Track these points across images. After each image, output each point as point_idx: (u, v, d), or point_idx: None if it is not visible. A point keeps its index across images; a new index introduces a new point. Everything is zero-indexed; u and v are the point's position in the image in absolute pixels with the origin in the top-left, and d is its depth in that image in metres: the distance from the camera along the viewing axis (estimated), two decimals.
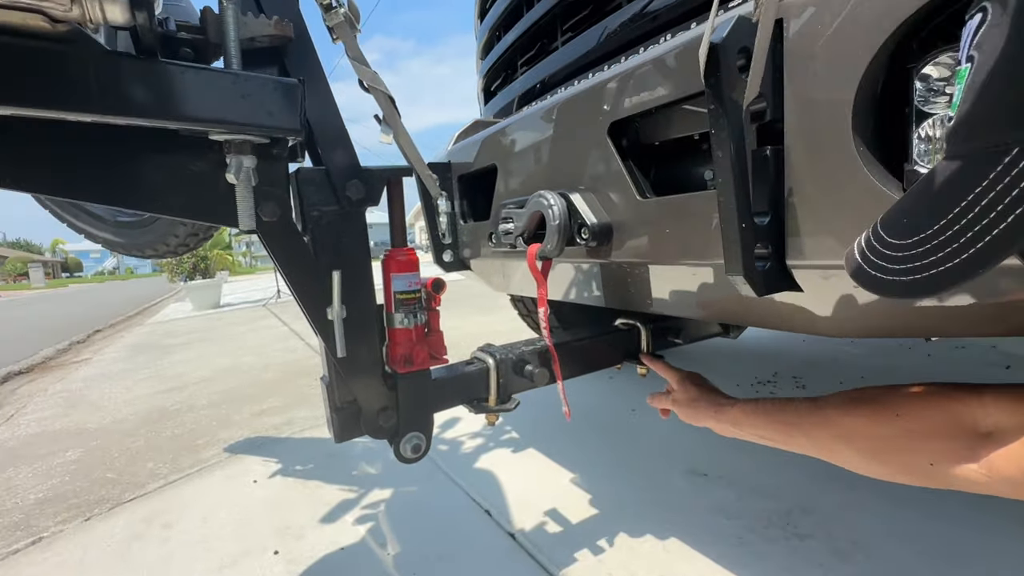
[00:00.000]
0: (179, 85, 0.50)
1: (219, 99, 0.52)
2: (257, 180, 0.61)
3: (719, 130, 0.54)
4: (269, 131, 0.56)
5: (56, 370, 4.18)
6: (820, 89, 0.53)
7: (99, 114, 0.46)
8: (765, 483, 1.37)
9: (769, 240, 0.58)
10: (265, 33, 0.59)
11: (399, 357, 0.80)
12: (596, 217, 0.83)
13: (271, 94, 0.55)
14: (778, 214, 0.58)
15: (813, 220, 0.56)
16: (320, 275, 0.71)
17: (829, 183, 0.54)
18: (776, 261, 0.59)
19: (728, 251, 0.56)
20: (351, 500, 1.48)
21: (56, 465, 1.98)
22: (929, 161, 0.51)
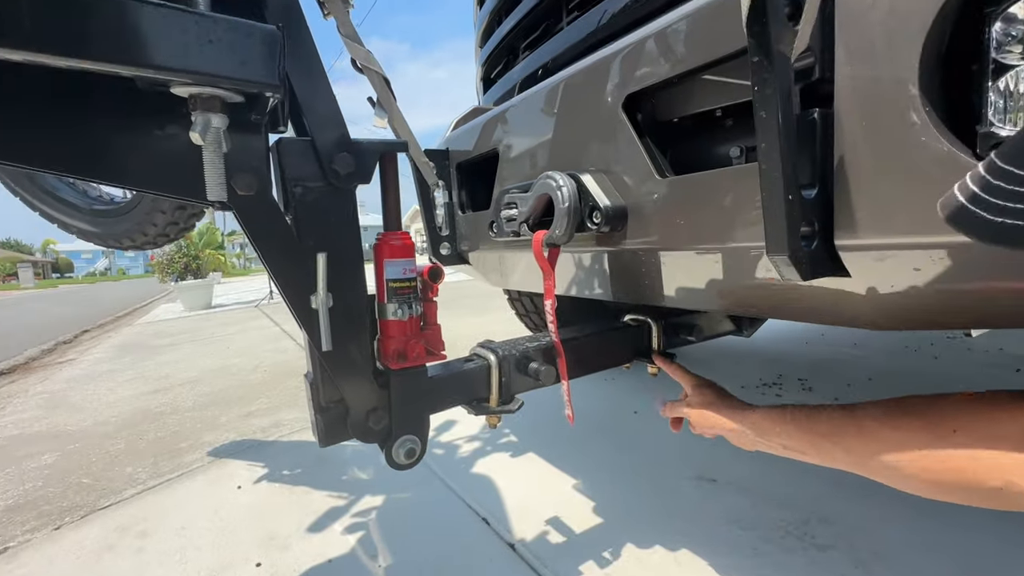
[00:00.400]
0: (131, 21, 0.42)
1: (181, 42, 0.44)
2: (230, 146, 0.53)
3: (764, 87, 0.47)
4: (241, 84, 0.48)
5: (39, 371, 4.06)
6: (880, 40, 0.46)
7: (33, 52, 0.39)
8: (779, 490, 1.30)
9: (815, 217, 0.51)
10: None
11: (392, 352, 0.72)
12: (610, 199, 0.76)
13: (244, 40, 0.47)
14: (826, 187, 0.51)
15: (869, 193, 0.48)
16: (303, 259, 0.64)
17: (890, 150, 0.47)
18: (823, 241, 0.52)
19: (771, 228, 0.49)
20: (340, 507, 1.40)
21: (30, 469, 1.88)
22: (1009, 121, 0.44)
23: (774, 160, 0.47)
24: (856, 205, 0.50)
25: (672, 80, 0.67)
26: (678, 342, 1.09)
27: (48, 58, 0.39)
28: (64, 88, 0.49)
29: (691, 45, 0.64)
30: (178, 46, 0.44)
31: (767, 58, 0.46)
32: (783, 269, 0.50)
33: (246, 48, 0.47)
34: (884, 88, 0.46)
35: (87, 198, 1.36)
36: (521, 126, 0.98)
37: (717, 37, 0.60)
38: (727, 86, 0.67)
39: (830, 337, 2.82)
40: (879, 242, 0.49)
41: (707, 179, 0.63)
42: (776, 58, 0.46)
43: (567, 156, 0.84)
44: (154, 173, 0.55)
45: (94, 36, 0.41)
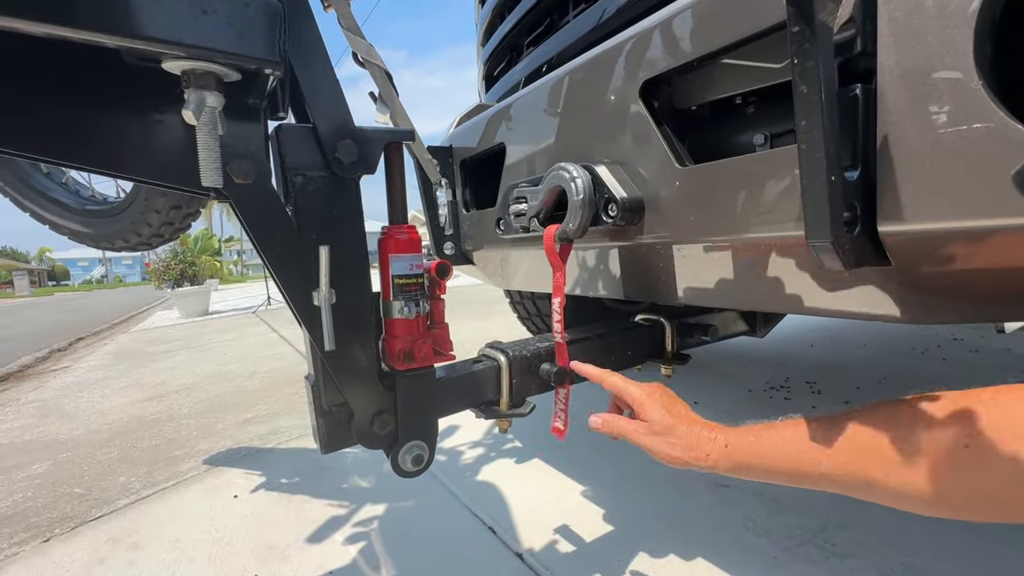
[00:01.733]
0: None
1: (172, 11, 0.40)
2: (226, 131, 0.49)
3: (805, 60, 0.43)
4: (239, 59, 0.45)
5: (33, 378, 3.99)
6: (928, 9, 0.43)
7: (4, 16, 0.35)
8: (793, 495, 1.26)
9: (856, 201, 0.47)
10: None
11: (398, 352, 0.68)
12: (626, 190, 0.72)
13: (242, 10, 0.44)
14: (868, 169, 0.47)
15: (917, 174, 0.45)
16: (304, 252, 0.60)
17: (940, 127, 0.43)
18: (865, 227, 0.48)
19: (812, 213, 0.45)
20: (341, 517, 1.35)
21: (20, 479, 1.83)
22: None
23: (816, 139, 0.43)
24: (902, 188, 0.46)
25: (692, 64, 0.64)
26: (693, 343, 1.05)
27: (25, 24, 0.36)
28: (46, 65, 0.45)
29: (713, 25, 0.60)
30: (169, 15, 0.41)
31: (808, 28, 0.42)
32: (825, 256, 0.46)
33: (244, 19, 0.44)
34: (933, 61, 0.43)
35: (79, 198, 1.32)
36: (529, 119, 0.94)
37: (740, 16, 0.57)
38: (750, 69, 0.64)
39: (838, 338, 2.78)
40: (928, 228, 0.46)
41: (732, 166, 0.60)
42: (818, 28, 0.42)
43: (580, 147, 0.81)
44: (145, 160, 0.51)
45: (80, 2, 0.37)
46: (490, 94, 1.63)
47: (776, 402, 1.94)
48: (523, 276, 1.23)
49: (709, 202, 0.64)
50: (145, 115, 0.50)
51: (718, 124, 0.72)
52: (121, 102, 0.49)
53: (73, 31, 0.37)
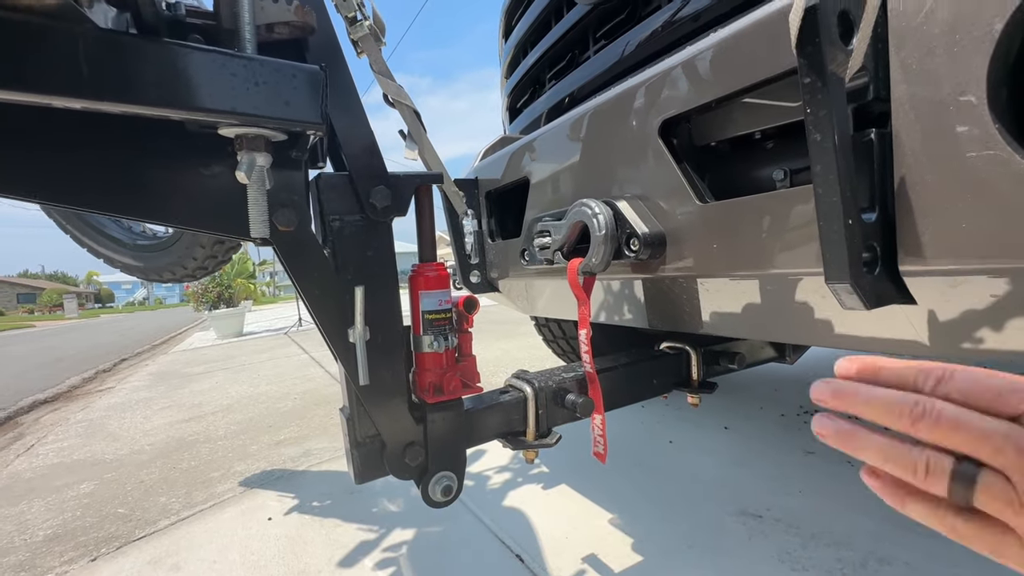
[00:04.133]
0: (182, 68, 0.43)
1: (229, 86, 0.45)
2: (272, 184, 0.54)
3: (817, 109, 0.45)
4: (286, 124, 0.49)
5: (80, 399, 4.19)
6: (940, 54, 0.44)
7: (90, 100, 0.40)
8: (829, 527, 1.22)
9: (876, 241, 0.48)
10: (284, 20, 0.53)
11: (428, 385, 0.71)
12: (648, 226, 0.74)
13: (289, 81, 0.48)
14: (887, 210, 0.48)
15: (935, 216, 0.46)
16: (341, 292, 0.63)
17: (957, 169, 0.44)
18: (886, 267, 0.49)
19: (830, 255, 0.46)
20: (371, 541, 1.37)
21: (69, 498, 1.91)
22: None
23: (831, 184, 0.45)
24: (921, 228, 0.47)
25: (710, 104, 0.66)
26: (719, 371, 1.05)
27: (106, 105, 0.41)
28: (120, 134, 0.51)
29: (729, 69, 0.62)
30: (226, 89, 0.46)
31: (820, 79, 0.44)
32: (845, 297, 0.47)
33: (291, 89, 0.48)
34: (947, 104, 0.44)
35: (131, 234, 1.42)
36: (552, 154, 0.98)
37: (756, 60, 0.59)
38: (768, 108, 0.66)
39: None
40: (949, 267, 0.46)
41: (752, 204, 0.61)
42: (829, 79, 0.44)
43: (601, 183, 0.83)
44: (199, 212, 0.56)
45: (147, 83, 0.42)
46: (513, 125, 1.68)
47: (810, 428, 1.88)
48: (547, 303, 1.25)
49: (731, 238, 0.65)
50: (199, 171, 0.55)
51: (738, 160, 0.73)
52: (178, 161, 0.54)
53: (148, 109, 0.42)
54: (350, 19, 0.92)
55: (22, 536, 1.62)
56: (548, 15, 1.36)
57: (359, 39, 0.93)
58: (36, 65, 0.38)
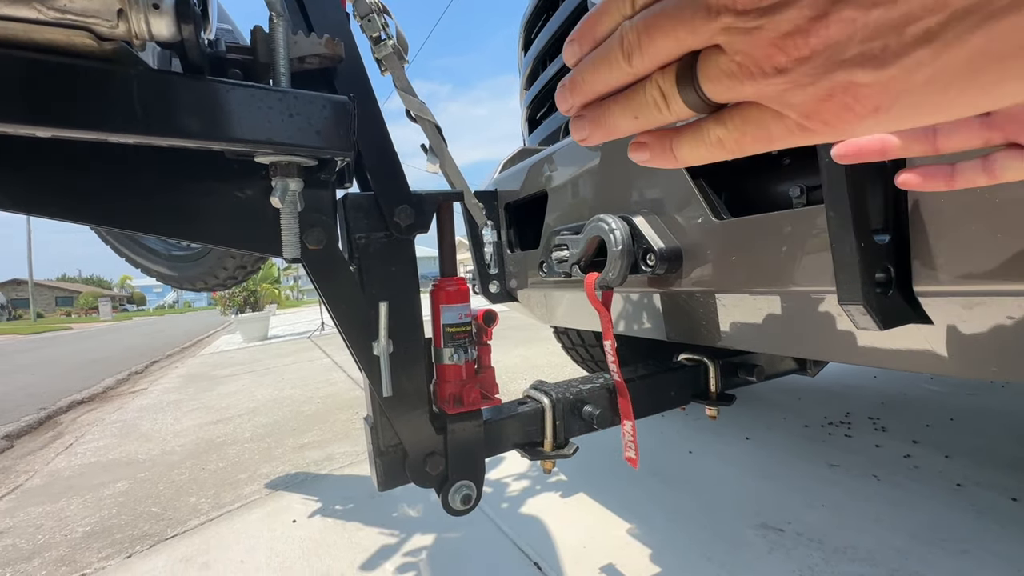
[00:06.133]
0: (225, 103, 0.47)
1: (266, 118, 0.49)
2: (303, 206, 0.57)
3: None
4: (318, 151, 0.52)
5: (115, 399, 4.35)
6: None
7: (143, 135, 0.44)
8: (853, 542, 1.20)
9: (890, 262, 0.49)
10: (315, 52, 0.57)
11: (448, 396, 0.73)
12: (664, 241, 0.75)
13: (320, 112, 0.51)
14: (900, 231, 0.49)
15: (950, 236, 0.46)
16: (366, 306, 0.66)
17: (973, 191, 0.44)
18: (900, 288, 0.49)
19: (842, 276, 0.47)
20: (391, 546, 1.40)
21: (106, 497, 2.00)
22: None
23: (842, 206, 0.45)
24: (935, 249, 0.47)
25: None
26: (738, 382, 1.04)
27: (155, 140, 0.44)
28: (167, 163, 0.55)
29: None
30: (263, 121, 0.49)
31: None
32: (858, 318, 0.48)
33: (322, 119, 0.52)
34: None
35: (166, 245, 1.49)
36: (570, 168, 0.99)
37: None
38: None
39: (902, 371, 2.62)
40: (963, 289, 0.46)
41: (768, 222, 0.62)
42: None
43: (618, 198, 0.85)
44: (236, 232, 0.60)
45: (192, 118, 0.46)
46: (532, 137, 1.71)
47: (836, 439, 1.85)
48: (565, 313, 1.26)
49: (747, 255, 0.66)
50: (234, 194, 0.59)
51: (755, 177, 0.74)
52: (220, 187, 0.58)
53: (193, 142, 0.45)
54: (375, 39, 0.96)
55: (62, 532, 1.70)
56: (567, 29, 1.39)
57: (383, 58, 0.97)
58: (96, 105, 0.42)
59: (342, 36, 0.62)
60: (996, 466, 1.54)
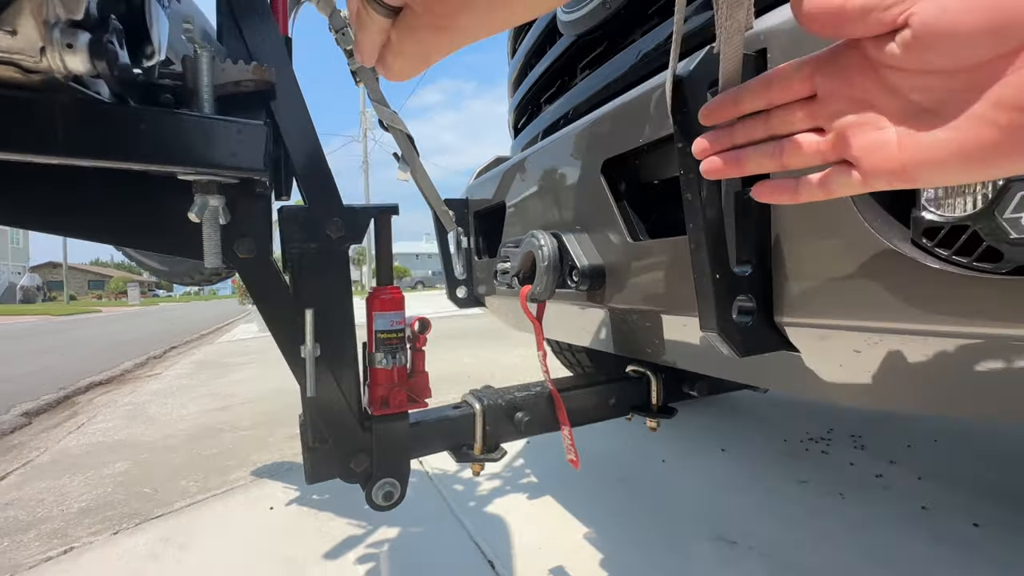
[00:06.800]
0: (143, 128, 0.52)
1: (182, 141, 0.54)
2: (229, 218, 0.62)
3: (688, 171, 0.49)
4: (233, 172, 0.57)
5: (130, 383, 4.53)
6: None
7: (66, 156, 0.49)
8: (803, 560, 1.21)
9: (754, 293, 0.51)
10: (245, 78, 0.62)
11: (377, 398, 0.77)
12: (588, 259, 0.78)
13: (235, 136, 0.56)
14: (764, 265, 0.51)
15: (803, 274, 0.48)
16: (295, 312, 0.71)
17: (820, 232, 0.47)
18: (762, 317, 0.52)
19: (702, 304, 0.50)
20: (358, 536, 1.45)
21: (105, 476, 2.10)
22: (942, 208, 0.43)
23: (700, 240, 0.48)
24: (792, 285, 0.49)
25: (641, 148, 0.70)
26: (680, 396, 1.07)
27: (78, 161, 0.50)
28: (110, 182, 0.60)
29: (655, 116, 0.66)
30: (181, 143, 0.54)
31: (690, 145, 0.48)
32: (717, 345, 0.50)
33: (237, 142, 0.56)
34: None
35: None
36: (520, 183, 1.03)
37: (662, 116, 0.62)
38: None
39: None
40: (818, 322, 0.49)
41: (664, 245, 0.65)
42: None
43: (554, 215, 0.88)
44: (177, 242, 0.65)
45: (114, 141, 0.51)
46: (516, 142, 1.74)
47: (812, 455, 1.84)
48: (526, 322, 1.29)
49: (651, 275, 0.69)
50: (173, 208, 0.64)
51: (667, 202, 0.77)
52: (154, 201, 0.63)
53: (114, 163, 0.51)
54: (348, 51, 1.00)
55: (60, 507, 1.80)
56: (544, 41, 1.42)
57: (356, 70, 1.02)
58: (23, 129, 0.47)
59: (277, 62, 0.67)
60: (968, 490, 1.52)
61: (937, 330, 0.42)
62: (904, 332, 0.43)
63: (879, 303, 0.43)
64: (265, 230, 0.69)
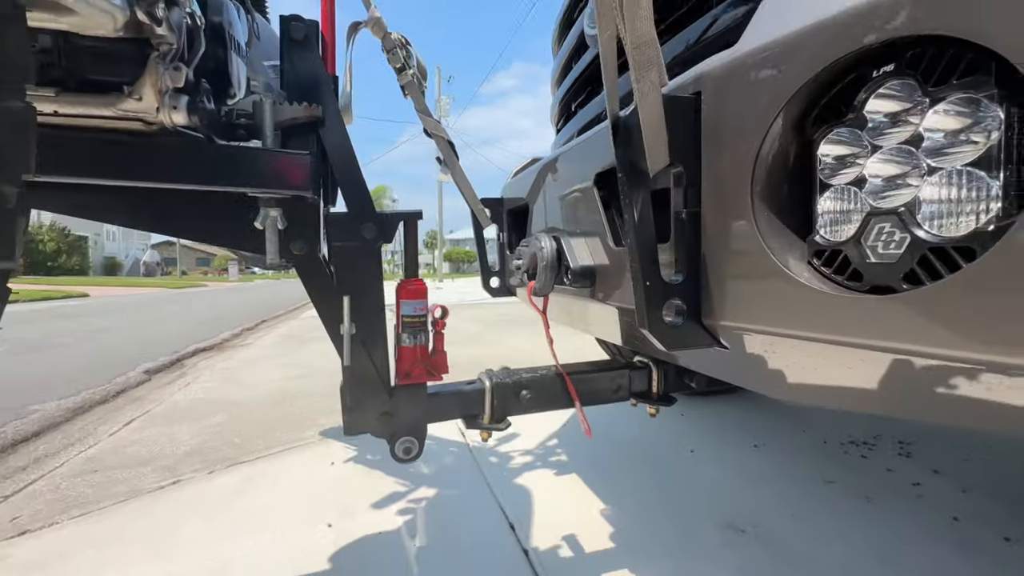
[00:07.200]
0: (225, 159, 0.70)
1: (251, 168, 0.72)
2: (286, 224, 0.80)
3: (627, 195, 0.59)
4: (287, 191, 0.75)
5: (227, 351, 5.16)
6: (725, 159, 0.56)
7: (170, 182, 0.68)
8: (811, 552, 1.25)
9: (684, 298, 0.61)
10: (299, 115, 0.79)
11: (401, 371, 0.94)
12: (580, 260, 0.89)
13: (288, 164, 0.73)
14: (693, 274, 0.61)
15: (720, 283, 0.58)
16: (338, 298, 0.89)
17: (732, 249, 0.56)
18: (692, 318, 0.61)
19: (638, 305, 0.60)
20: (401, 492, 1.67)
21: (206, 426, 2.50)
22: (833, 233, 0.51)
23: (634, 253, 0.59)
24: (715, 293, 0.59)
25: None
26: (680, 386, 1.15)
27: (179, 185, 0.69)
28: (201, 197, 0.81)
29: None
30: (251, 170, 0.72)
31: (628, 174, 0.58)
32: (650, 339, 0.61)
33: (289, 170, 0.74)
34: (726, 196, 0.56)
35: None
36: (539, 187, 1.15)
37: None
38: None
39: None
40: (734, 325, 0.58)
41: None
42: (634, 173, 0.58)
43: (558, 219, 1.00)
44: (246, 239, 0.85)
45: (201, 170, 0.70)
46: (556, 140, 1.84)
47: (848, 458, 1.81)
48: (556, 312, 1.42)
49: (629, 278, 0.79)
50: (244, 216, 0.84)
51: None
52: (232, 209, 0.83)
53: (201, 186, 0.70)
54: (398, 69, 1.17)
55: (171, 448, 2.19)
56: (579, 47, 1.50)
57: (404, 85, 1.19)
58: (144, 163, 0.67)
59: (322, 101, 0.84)
60: (1014, 505, 1.45)
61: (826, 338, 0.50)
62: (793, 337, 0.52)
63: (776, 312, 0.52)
64: (314, 232, 0.87)
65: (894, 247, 0.44)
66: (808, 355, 0.52)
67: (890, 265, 0.44)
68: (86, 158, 0.63)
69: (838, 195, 0.49)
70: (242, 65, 0.81)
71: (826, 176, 0.50)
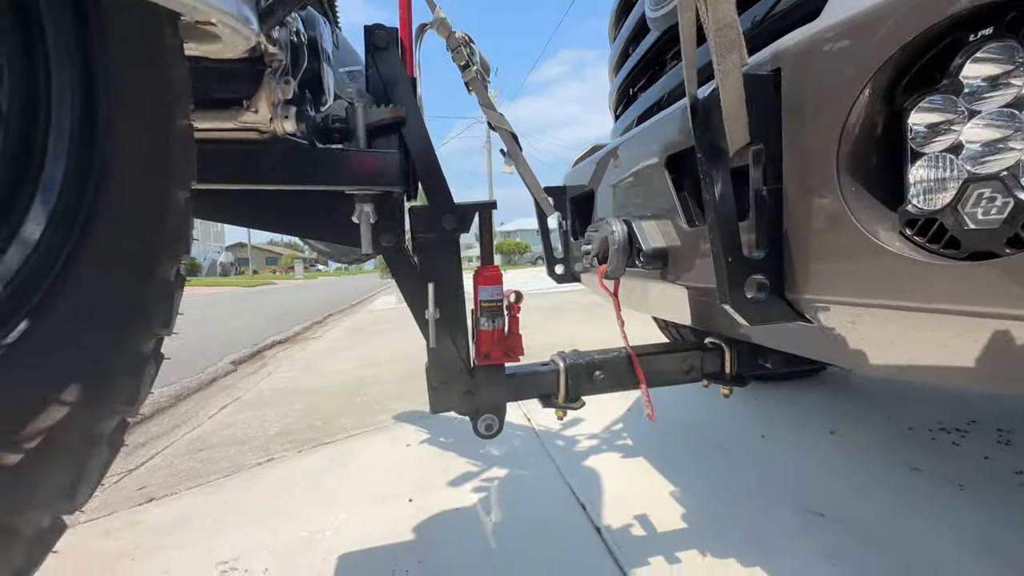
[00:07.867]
0: (325, 161, 0.78)
1: (348, 168, 0.79)
2: (377, 217, 0.88)
3: (707, 175, 0.61)
4: (380, 187, 0.82)
5: (301, 343, 5.52)
6: (808, 134, 0.57)
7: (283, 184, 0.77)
8: (893, 538, 1.21)
9: (766, 274, 0.62)
10: (386, 117, 0.85)
11: (480, 353, 1.00)
12: (652, 243, 0.91)
13: (380, 163, 0.80)
14: (775, 249, 0.62)
15: (803, 257, 0.59)
16: (423, 285, 0.96)
17: (817, 223, 0.57)
18: (775, 293, 0.62)
19: (719, 282, 0.62)
20: (474, 472, 1.75)
21: (290, 411, 2.71)
22: (927, 202, 0.51)
23: (716, 232, 0.61)
24: (798, 268, 0.60)
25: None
26: (754, 367, 1.13)
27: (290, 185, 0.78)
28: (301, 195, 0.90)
29: None
30: (345, 170, 0.80)
31: (707, 153, 0.60)
32: (733, 314, 0.63)
33: (382, 168, 0.81)
34: (812, 172, 0.57)
35: None
36: (603, 173, 1.17)
37: None
38: None
39: None
40: (821, 299, 0.59)
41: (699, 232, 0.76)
42: (714, 152, 0.60)
43: (627, 203, 1.02)
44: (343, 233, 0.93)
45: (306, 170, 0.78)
46: (614, 128, 1.84)
47: (937, 445, 1.71)
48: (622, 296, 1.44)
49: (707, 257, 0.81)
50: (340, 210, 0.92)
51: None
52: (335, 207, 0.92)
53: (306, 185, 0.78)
54: (462, 67, 1.23)
55: (262, 430, 2.40)
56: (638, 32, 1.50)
57: (469, 81, 1.24)
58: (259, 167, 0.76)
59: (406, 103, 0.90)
60: None
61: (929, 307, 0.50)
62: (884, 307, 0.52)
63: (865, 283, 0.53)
64: (400, 225, 0.94)
65: (996, 212, 0.44)
66: (897, 326, 0.52)
67: (992, 231, 0.44)
68: (217, 166, 0.72)
69: (932, 163, 0.49)
70: (331, 74, 0.89)
71: (918, 145, 0.50)
